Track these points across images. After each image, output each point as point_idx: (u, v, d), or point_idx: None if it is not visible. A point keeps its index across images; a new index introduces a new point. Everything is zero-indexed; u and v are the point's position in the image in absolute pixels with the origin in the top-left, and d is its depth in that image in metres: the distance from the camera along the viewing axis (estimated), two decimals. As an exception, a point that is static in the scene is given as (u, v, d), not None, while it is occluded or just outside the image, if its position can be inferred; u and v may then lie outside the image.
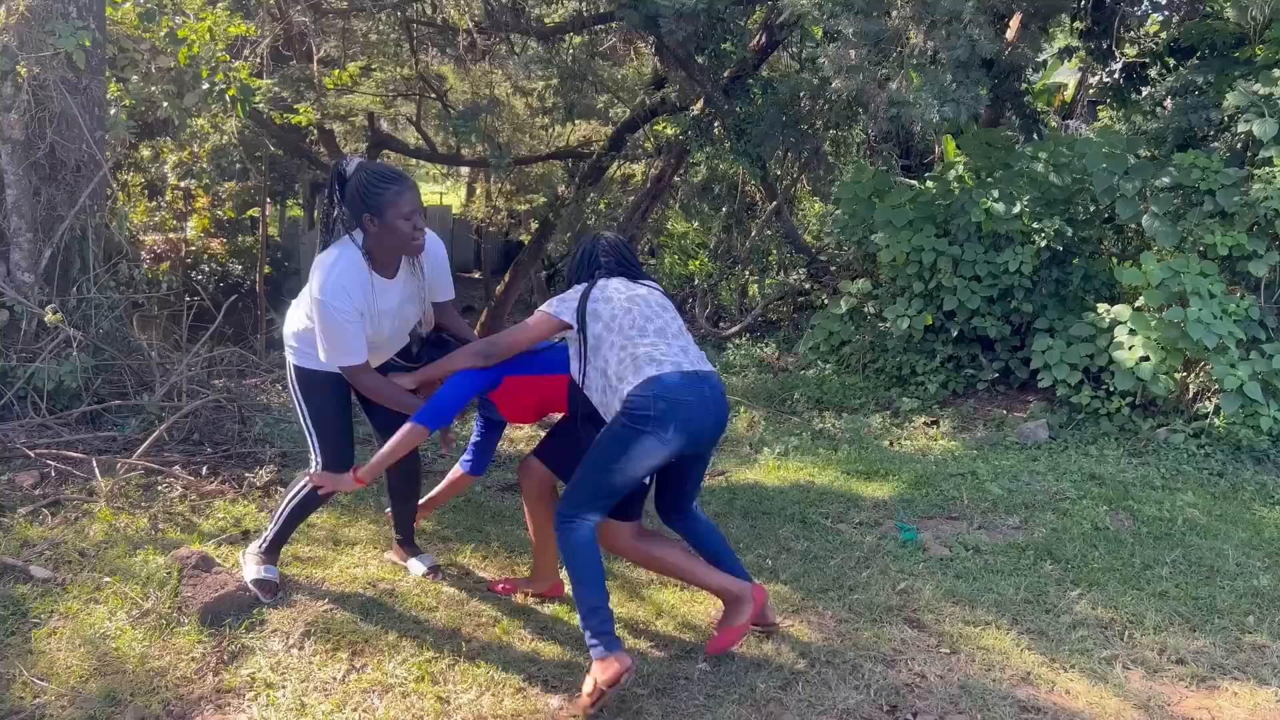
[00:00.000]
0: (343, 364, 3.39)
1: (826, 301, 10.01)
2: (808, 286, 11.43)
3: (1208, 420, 6.57)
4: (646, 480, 3.44)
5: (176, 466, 4.65)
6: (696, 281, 13.21)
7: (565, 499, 3.28)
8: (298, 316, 3.56)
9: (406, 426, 3.36)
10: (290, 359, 3.61)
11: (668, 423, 3.15)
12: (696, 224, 14.10)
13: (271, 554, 3.71)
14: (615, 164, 13.34)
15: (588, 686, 3.04)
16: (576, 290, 3.44)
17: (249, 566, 3.66)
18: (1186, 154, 7.08)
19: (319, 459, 3.61)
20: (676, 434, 3.18)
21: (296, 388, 3.62)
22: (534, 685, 3.20)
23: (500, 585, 3.90)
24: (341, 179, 3.33)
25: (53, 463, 4.46)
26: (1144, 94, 9.75)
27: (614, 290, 3.40)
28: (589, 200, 13.25)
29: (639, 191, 13.27)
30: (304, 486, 3.64)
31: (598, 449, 3.24)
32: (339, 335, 3.32)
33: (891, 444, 7.00)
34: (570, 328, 3.37)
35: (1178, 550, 4.69)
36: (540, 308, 3.47)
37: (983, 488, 5.54)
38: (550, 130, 14.75)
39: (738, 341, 10.88)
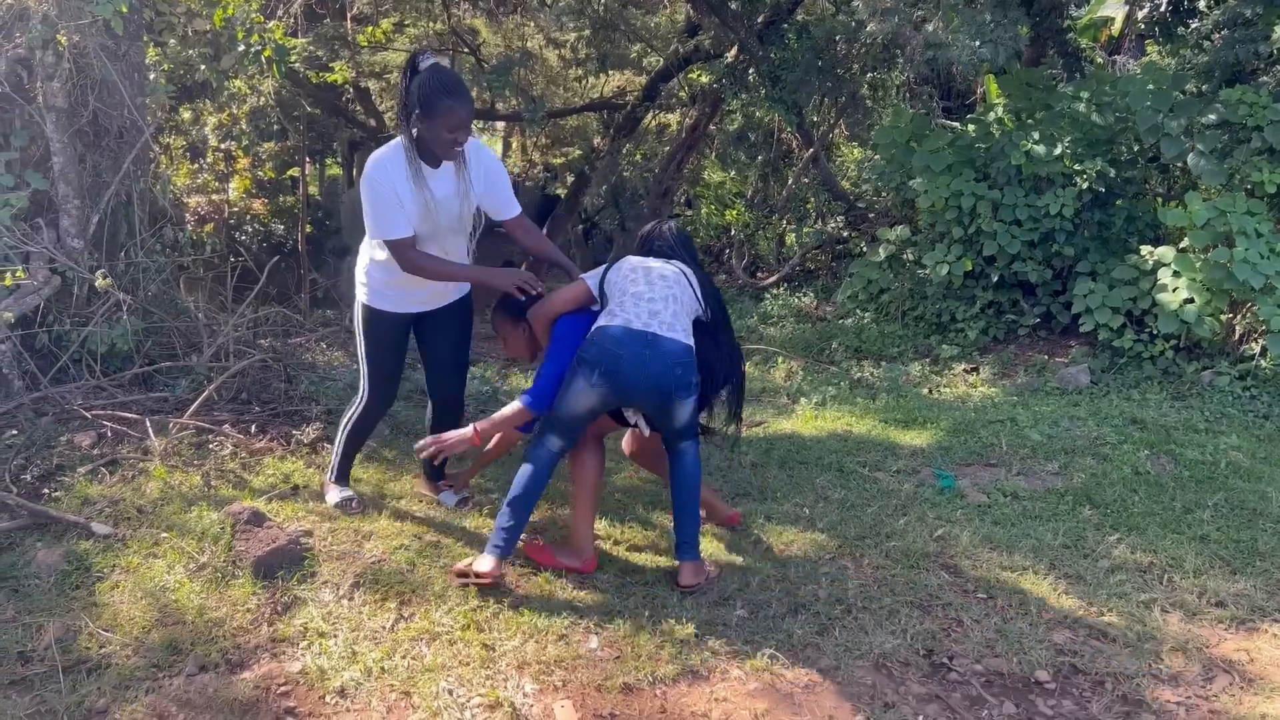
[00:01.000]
0: (388, 236, 3.60)
1: (865, 249, 9.94)
2: (846, 234, 11.34)
3: (1253, 362, 6.48)
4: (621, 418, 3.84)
5: (226, 425, 4.77)
6: (733, 231, 13.16)
7: (541, 423, 3.69)
8: (361, 260, 3.88)
9: (515, 405, 3.70)
10: (359, 296, 3.91)
11: (594, 368, 3.50)
12: (733, 173, 14.00)
13: (342, 480, 4.21)
14: (650, 114, 13.26)
15: (474, 564, 3.49)
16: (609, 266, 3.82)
17: (329, 495, 4.16)
18: (1234, 89, 6.91)
19: (366, 392, 4.00)
20: (602, 380, 3.49)
21: (360, 323, 3.93)
22: (575, 632, 3.29)
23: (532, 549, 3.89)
24: (413, 71, 3.47)
25: (108, 423, 4.59)
26: (1191, 28, 9.48)
27: (630, 263, 3.77)
28: (624, 152, 13.21)
29: (674, 141, 13.19)
30: (354, 415, 4.07)
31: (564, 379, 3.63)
32: (382, 206, 3.55)
33: (930, 392, 6.99)
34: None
35: (1220, 494, 4.67)
36: (581, 276, 3.86)
37: (1022, 434, 5.52)
38: (584, 82, 14.65)
39: (775, 291, 10.85)
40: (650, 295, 3.62)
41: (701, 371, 3.67)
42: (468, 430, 3.72)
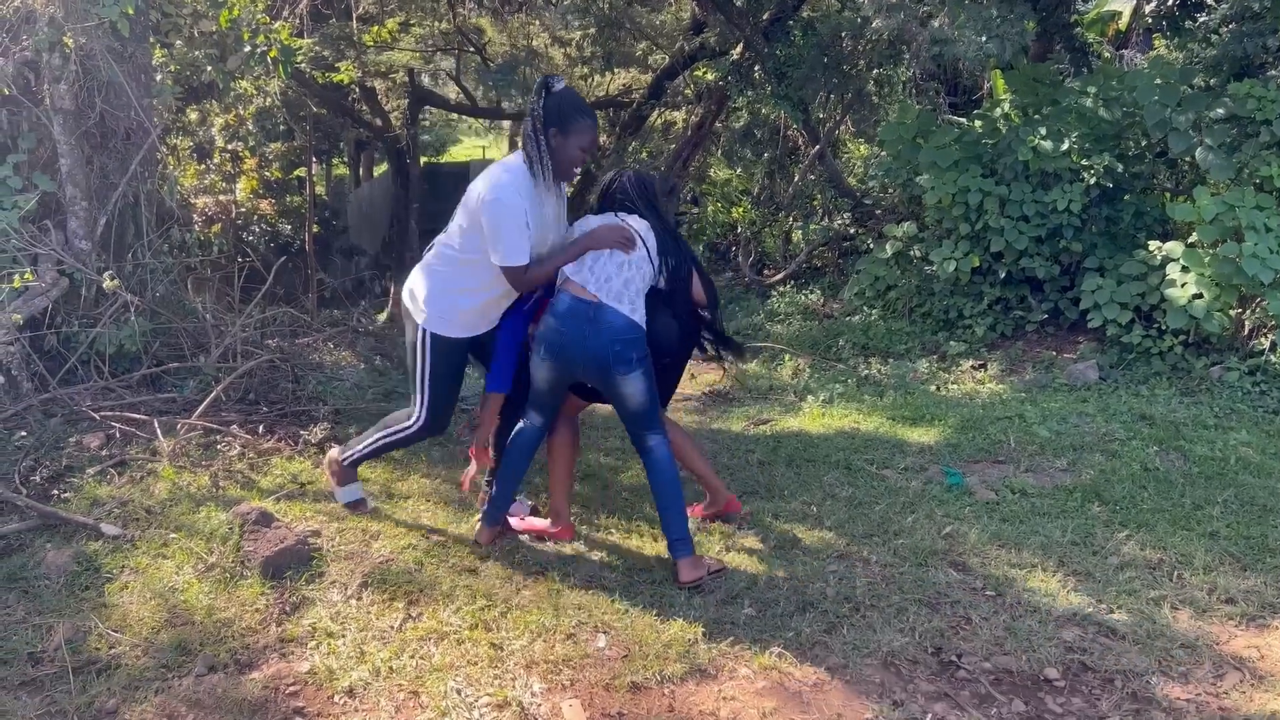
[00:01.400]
0: (518, 262, 3.57)
1: (872, 246, 9.91)
2: (852, 231, 11.31)
3: (1263, 357, 6.45)
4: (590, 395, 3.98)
5: (234, 425, 4.78)
6: (740, 229, 13.13)
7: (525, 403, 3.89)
8: (429, 283, 3.78)
9: (487, 396, 3.97)
10: (421, 323, 3.78)
11: (541, 344, 3.70)
12: (739, 170, 13.97)
13: (352, 470, 4.12)
14: (656, 112, 13.24)
15: (480, 529, 3.91)
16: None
17: (339, 490, 4.11)
18: (1242, 83, 6.88)
19: (422, 416, 3.89)
20: (548, 355, 3.68)
21: (425, 350, 3.80)
22: (583, 631, 3.29)
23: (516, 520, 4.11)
24: (547, 91, 3.58)
25: (117, 424, 4.61)
26: (1199, 21, 9.43)
27: (591, 222, 3.80)
28: (630, 149, 13.19)
29: (680, 139, 13.17)
30: (403, 432, 3.95)
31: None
32: (515, 233, 3.54)
33: (938, 389, 6.97)
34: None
35: (1229, 490, 4.65)
36: None
37: (1030, 430, 5.51)
38: (589, 80, 14.65)
39: (782, 289, 10.84)
40: (609, 258, 3.68)
41: (652, 345, 3.73)
42: (471, 466, 4.01)
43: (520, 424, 3.91)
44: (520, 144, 3.66)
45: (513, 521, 4.07)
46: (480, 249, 3.61)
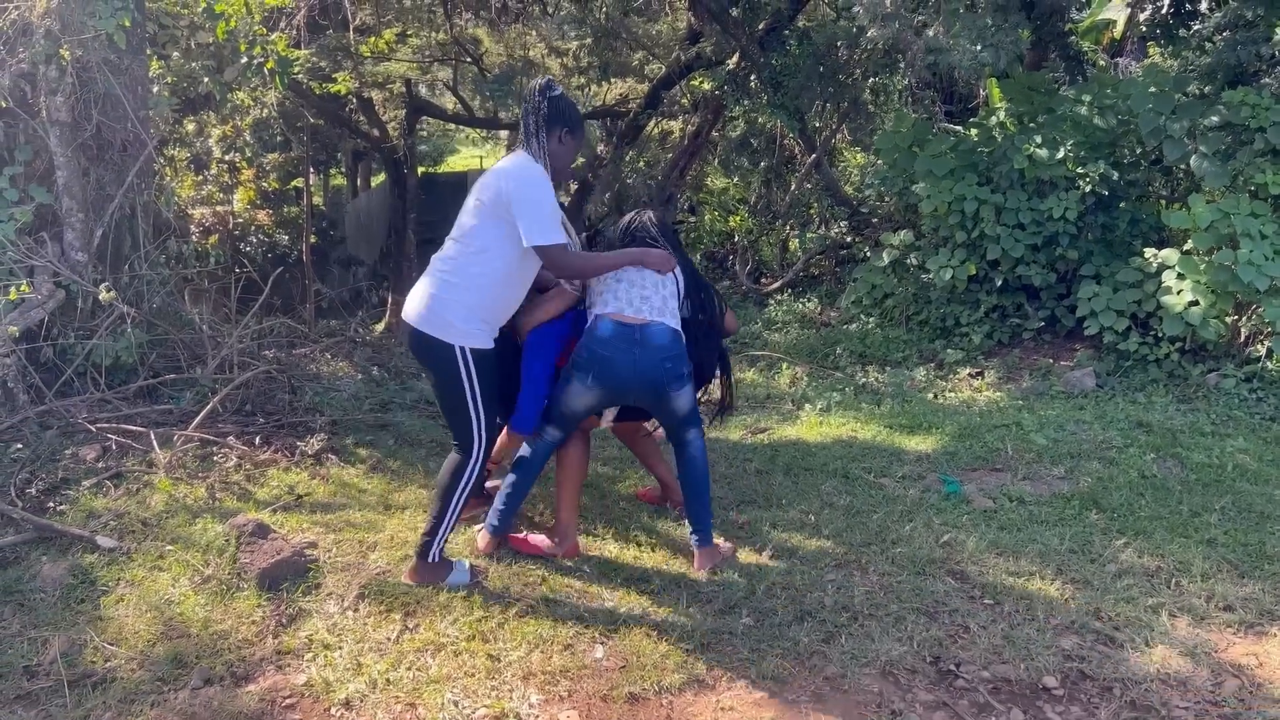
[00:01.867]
0: (551, 241, 3.43)
1: (868, 254, 9.93)
2: (849, 239, 11.33)
3: (1259, 364, 6.46)
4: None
5: (231, 437, 4.78)
6: (737, 238, 13.15)
7: (543, 413, 3.86)
8: (451, 301, 3.49)
9: (505, 435, 4.02)
10: (461, 343, 3.48)
11: (588, 371, 3.64)
12: (736, 179, 14.00)
13: (445, 561, 3.67)
14: (652, 121, 13.27)
15: (480, 535, 3.92)
16: None
17: (450, 581, 3.62)
18: (1236, 91, 6.90)
19: (481, 441, 3.55)
20: (596, 382, 3.65)
21: (472, 371, 3.50)
22: (581, 641, 3.28)
23: (515, 540, 4.02)
24: (548, 91, 3.58)
25: (113, 436, 4.60)
26: (1193, 30, 9.47)
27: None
28: (627, 159, 13.21)
29: (677, 149, 13.19)
30: (470, 471, 3.57)
31: (560, 377, 3.79)
32: (553, 210, 3.48)
33: (935, 397, 6.97)
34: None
35: (1227, 497, 4.65)
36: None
37: (1028, 438, 5.51)
38: (586, 90, 14.68)
39: (779, 297, 10.84)
40: (640, 280, 3.72)
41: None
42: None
43: (536, 438, 3.89)
44: (522, 145, 3.61)
45: (518, 539, 3.98)
46: (497, 237, 3.45)
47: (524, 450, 3.91)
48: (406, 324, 3.59)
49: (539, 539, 3.97)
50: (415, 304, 3.55)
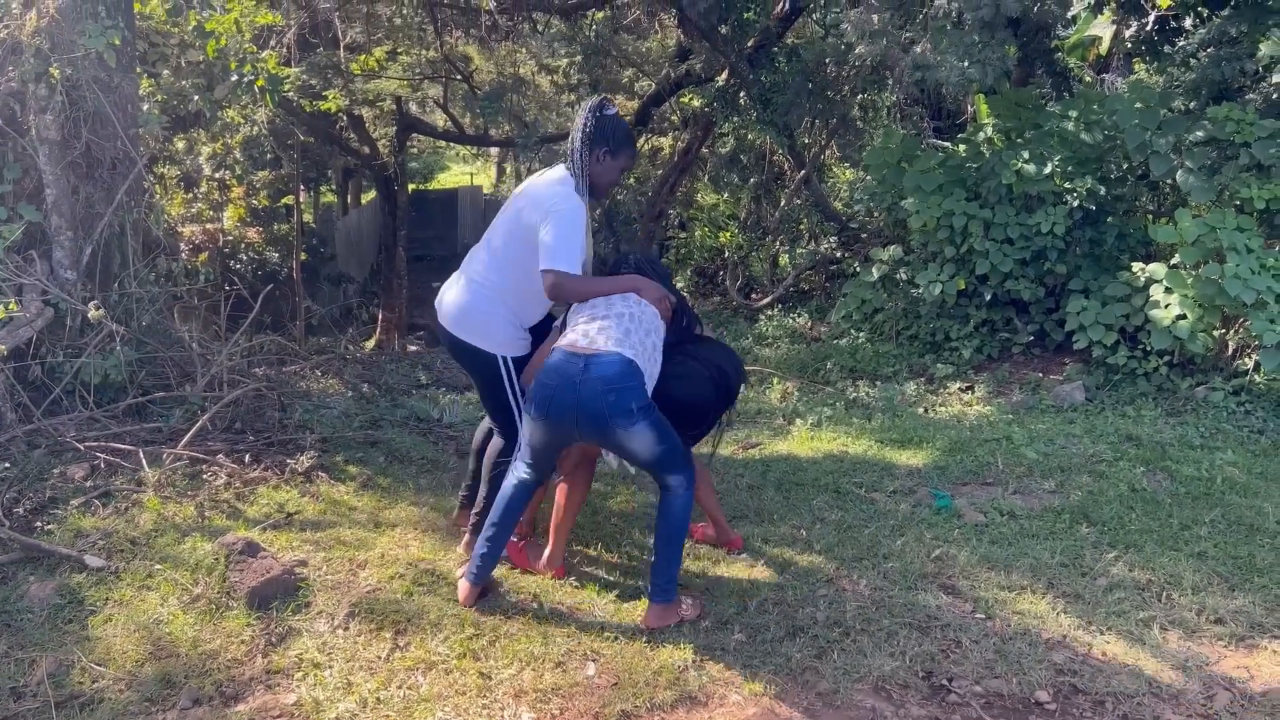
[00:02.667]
0: (567, 269, 3.55)
1: (858, 269, 9.97)
2: (839, 255, 11.38)
3: (1247, 377, 6.50)
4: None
5: (220, 455, 4.75)
6: (727, 254, 13.19)
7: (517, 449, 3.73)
8: (503, 313, 3.77)
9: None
10: (503, 351, 3.78)
11: (534, 401, 3.47)
12: (725, 195, 14.06)
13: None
14: (642, 138, 13.31)
15: (460, 585, 3.62)
16: None
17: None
18: (1221, 107, 6.97)
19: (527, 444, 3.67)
20: (540, 413, 3.45)
21: (513, 374, 3.80)
22: (572, 659, 3.27)
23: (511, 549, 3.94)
24: (600, 111, 3.67)
25: (102, 455, 4.57)
26: (1178, 46, 9.56)
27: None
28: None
29: (667, 165, 13.25)
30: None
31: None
32: (579, 238, 3.59)
33: (926, 411, 6.99)
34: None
35: (1216, 510, 4.66)
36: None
37: (1018, 452, 5.52)
38: (576, 107, 14.73)
39: (770, 312, 10.87)
40: (605, 314, 3.55)
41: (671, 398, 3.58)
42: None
43: (511, 478, 3.65)
44: (567, 159, 3.70)
45: (511, 553, 3.93)
46: (522, 255, 3.65)
47: (503, 493, 3.65)
48: (446, 330, 3.84)
49: (534, 559, 3.93)
50: (454, 311, 3.81)
